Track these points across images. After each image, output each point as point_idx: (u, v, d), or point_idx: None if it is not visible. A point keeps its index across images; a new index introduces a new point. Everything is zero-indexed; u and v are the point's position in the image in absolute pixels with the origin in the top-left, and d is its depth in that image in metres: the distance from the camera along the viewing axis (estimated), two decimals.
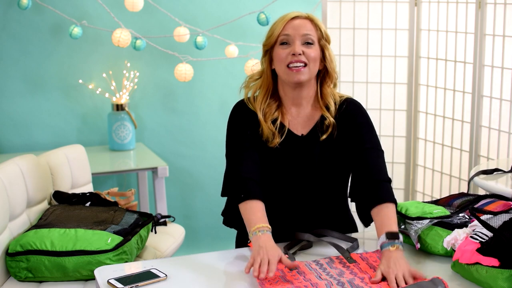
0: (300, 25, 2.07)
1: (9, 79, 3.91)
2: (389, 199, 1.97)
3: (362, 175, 2.04)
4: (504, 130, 3.07)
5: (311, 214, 2.13)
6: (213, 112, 4.30)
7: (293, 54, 2.03)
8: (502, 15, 3.06)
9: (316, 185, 2.12)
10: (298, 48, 2.04)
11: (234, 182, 2.05)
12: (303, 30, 2.06)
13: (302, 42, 2.06)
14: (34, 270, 2.37)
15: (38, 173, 2.68)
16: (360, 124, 2.10)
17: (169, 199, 4.15)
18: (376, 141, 2.10)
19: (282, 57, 2.06)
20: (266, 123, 2.09)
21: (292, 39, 2.06)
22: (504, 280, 1.64)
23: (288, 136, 2.10)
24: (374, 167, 2.04)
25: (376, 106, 3.61)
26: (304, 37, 2.06)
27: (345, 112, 2.11)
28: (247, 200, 1.97)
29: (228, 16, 4.12)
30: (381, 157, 2.08)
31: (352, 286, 1.71)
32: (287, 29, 2.07)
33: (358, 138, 2.08)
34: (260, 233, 1.87)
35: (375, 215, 1.95)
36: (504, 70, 3.07)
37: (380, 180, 2.01)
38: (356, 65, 3.64)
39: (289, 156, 2.10)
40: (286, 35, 2.07)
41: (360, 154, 2.06)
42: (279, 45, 2.08)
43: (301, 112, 2.13)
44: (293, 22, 2.08)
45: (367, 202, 1.99)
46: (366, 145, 2.07)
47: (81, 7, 3.94)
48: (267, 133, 2.08)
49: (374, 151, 2.07)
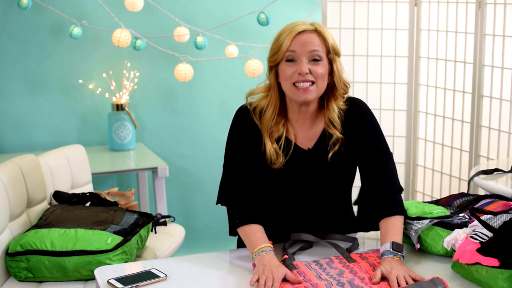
0: (307, 41, 1.97)
1: (9, 79, 3.91)
2: (398, 212, 1.97)
3: (374, 185, 2.03)
4: (504, 130, 3.07)
5: (314, 218, 2.11)
6: (213, 112, 4.30)
7: (300, 73, 1.96)
8: (502, 15, 3.06)
9: (320, 198, 2.10)
10: (304, 67, 1.96)
11: (228, 205, 2.04)
12: (310, 46, 1.97)
13: (309, 59, 1.97)
14: (34, 270, 2.37)
15: (38, 173, 2.68)
16: (368, 129, 2.06)
17: (169, 199, 4.15)
18: (384, 144, 2.07)
19: (288, 74, 1.97)
20: (271, 144, 2.03)
21: (298, 55, 1.97)
22: (504, 280, 1.64)
23: (294, 152, 2.05)
24: (387, 177, 2.02)
25: (376, 106, 3.61)
26: (311, 53, 1.97)
27: (351, 117, 2.07)
28: (243, 226, 1.97)
29: (228, 16, 4.12)
30: (391, 162, 2.06)
31: (352, 286, 1.71)
32: (294, 45, 1.97)
33: (367, 144, 2.05)
34: (263, 253, 1.86)
35: (382, 224, 1.96)
36: (504, 70, 3.07)
37: (392, 192, 2.01)
38: (356, 65, 3.64)
39: (293, 176, 2.06)
40: (292, 51, 1.97)
41: (372, 163, 2.04)
42: (285, 62, 1.99)
43: (305, 125, 2.07)
44: (300, 37, 1.97)
45: (377, 213, 1.99)
46: (376, 152, 2.04)
47: (81, 7, 3.94)
48: (270, 155, 2.03)
49: (384, 158, 2.05)
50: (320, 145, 2.06)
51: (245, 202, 2.00)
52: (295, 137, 2.07)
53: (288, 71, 1.98)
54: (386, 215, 1.96)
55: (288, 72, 1.98)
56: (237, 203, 2.01)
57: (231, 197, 2.02)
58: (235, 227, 1.99)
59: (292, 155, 2.05)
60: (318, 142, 2.06)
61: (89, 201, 2.78)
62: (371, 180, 2.04)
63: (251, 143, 2.05)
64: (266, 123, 2.04)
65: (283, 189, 2.08)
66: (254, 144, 2.05)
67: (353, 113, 2.07)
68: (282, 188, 2.08)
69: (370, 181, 2.04)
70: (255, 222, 1.97)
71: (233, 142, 2.07)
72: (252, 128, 2.06)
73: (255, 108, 2.07)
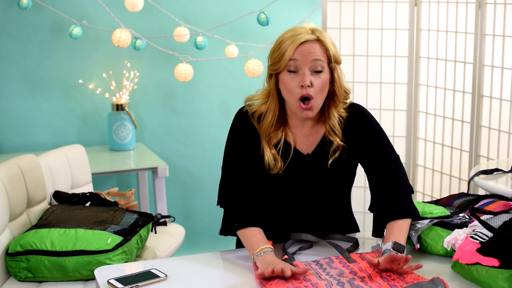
0: (309, 51, 1.95)
1: (9, 79, 3.91)
2: (405, 215, 1.97)
3: (384, 190, 2.02)
4: (504, 130, 3.07)
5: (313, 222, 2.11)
6: (213, 112, 4.30)
7: (302, 86, 1.95)
8: (502, 15, 3.05)
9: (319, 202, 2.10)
10: (307, 79, 1.94)
11: (225, 208, 2.05)
12: (312, 56, 1.95)
13: (311, 70, 1.96)
14: (34, 270, 2.37)
15: (38, 173, 2.68)
16: (371, 134, 2.05)
17: (169, 199, 4.15)
18: (390, 149, 2.06)
19: (292, 88, 1.96)
20: (270, 149, 2.03)
21: (300, 66, 1.96)
22: (504, 280, 1.64)
23: (294, 156, 2.05)
24: (397, 181, 2.02)
25: (376, 106, 3.61)
26: (314, 63, 1.96)
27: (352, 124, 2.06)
28: (243, 229, 1.97)
29: (228, 16, 4.12)
30: (399, 165, 2.05)
31: (352, 286, 1.71)
32: (296, 55, 1.95)
33: (374, 150, 2.04)
34: (265, 254, 1.86)
35: (388, 226, 1.96)
36: (504, 70, 3.06)
37: (402, 195, 2.00)
38: (356, 65, 3.64)
39: (292, 181, 2.06)
40: (294, 60, 1.96)
41: (379, 168, 2.03)
42: (287, 72, 1.97)
43: (305, 130, 2.07)
44: (303, 47, 1.96)
45: (386, 216, 1.99)
46: (384, 157, 2.04)
47: (81, 7, 3.94)
48: (268, 161, 2.02)
49: (392, 162, 2.04)
50: (319, 151, 2.06)
51: (243, 205, 2.00)
52: (295, 142, 2.06)
53: (292, 84, 1.97)
54: (394, 217, 1.96)
55: (292, 85, 1.97)
56: (236, 206, 2.01)
57: (229, 200, 2.02)
58: (234, 229, 2.00)
59: (292, 160, 2.04)
60: (317, 148, 2.06)
61: (89, 201, 2.78)
62: (382, 185, 2.03)
63: (250, 146, 2.05)
64: (265, 129, 2.04)
65: (282, 194, 2.08)
66: (252, 148, 2.05)
67: (354, 120, 2.06)
68: (281, 193, 2.07)
69: (381, 187, 2.03)
70: (254, 225, 1.97)
71: (232, 145, 2.07)
72: (251, 131, 2.06)
73: (254, 113, 2.07)
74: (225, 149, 2.09)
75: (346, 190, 2.15)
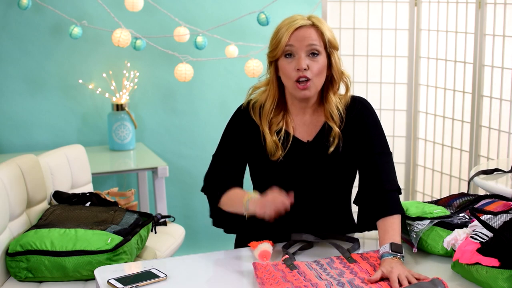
0: (304, 36, 2.00)
1: (9, 79, 3.91)
2: (395, 211, 1.96)
3: (370, 183, 2.03)
4: (504, 130, 3.07)
5: (313, 214, 2.11)
6: (213, 112, 4.30)
7: (298, 69, 1.98)
8: (502, 15, 3.06)
9: (320, 193, 2.10)
10: (303, 63, 1.98)
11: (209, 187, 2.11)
12: (308, 41, 1.99)
13: (307, 53, 2.00)
14: (34, 270, 2.37)
15: (38, 173, 2.68)
16: (368, 126, 2.08)
17: (169, 199, 4.15)
18: (384, 144, 2.08)
19: (289, 72, 2.00)
20: (271, 136, 2.06)
21: (296, 50, 2.00)
22: (504, 280, 1.64)
23: (294, 144, 2.07)
24: (383, 175, 2.02)
25: (376, 106, 3.61)
26: (309, 48, 2.00)
27: (353, 114, 2.08)
28: (223, 194, 2.03)
29: (228, 16, 4.12)
30: (390, 162, 2.06)
31: (352, 286, 1.71)
32: (292, 40, 2.00)
33: (367, 142, 2.06)
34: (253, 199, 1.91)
35: (380, 224, 1.96)
36: (504, 70, 3.07)
37: (388, 190, 2.00)
38: (356, 65, 3.64)
39: (293, 168, 2.07)
40: (290, 46, 2.00)
41: (369, 161, 2.05)
42: (284, 57, 2.02)
43: (305, 118, 2.10)
44: (298, 33, 2.00)
45: (374, 212, 1.99)
46: (375, 150, 2.05)
47: (81, 7, 3.94)
48: (270, 147, 2.06)
49: (383, 156, 2.05)
50: (320, 138, 2.08)
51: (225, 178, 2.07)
52: (294, 129, 2.09)
53: (288, 68, 2.01)
54: (383, 215, 1.96)
55: (289, 69, 2.01)
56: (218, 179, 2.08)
57: (213, 179, 2.09)
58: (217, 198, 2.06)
59: (291, 147, 2.07)
60: (318, 135, 2.08)
61: (89, 201, 2.78)
62: (368, 177, 2.05)
63: (244, 138, 2.10)
64: (265, 115, 2.08)
65: (282, 182, 2.08)
66: (248, 139, 2.09)
67: (355, 110, 2.09)
68: (281, 180, 2.08)
69: (367, 179, 2.05)
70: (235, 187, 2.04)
71: (225, 135, 2.15)
72: (249, 125, 2.10)
73: (255, 103, 2.11)
74: (220, 140, 2.16)
75: (347, 185, 2.15)
